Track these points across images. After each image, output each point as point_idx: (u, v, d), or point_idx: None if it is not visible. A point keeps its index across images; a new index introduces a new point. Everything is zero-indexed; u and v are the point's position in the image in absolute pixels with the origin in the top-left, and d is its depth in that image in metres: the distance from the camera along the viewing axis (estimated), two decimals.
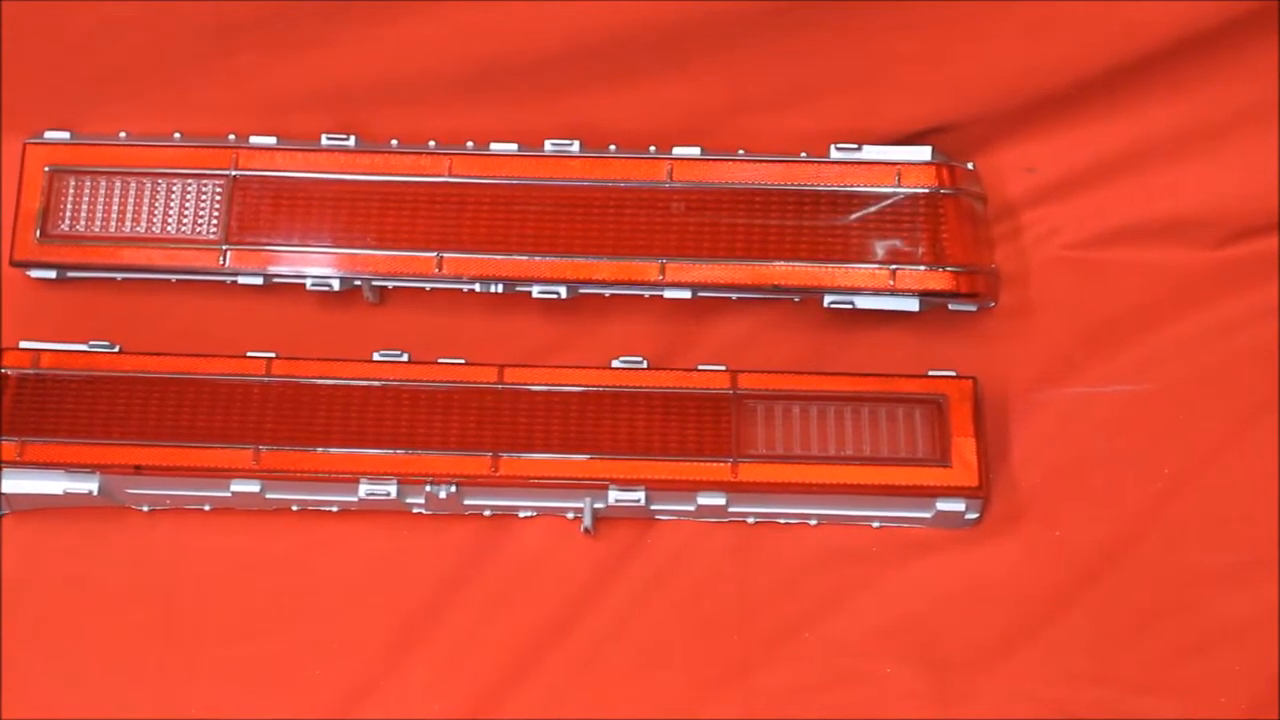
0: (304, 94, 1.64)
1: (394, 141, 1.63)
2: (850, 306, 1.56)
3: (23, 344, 1.57)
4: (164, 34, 1.61)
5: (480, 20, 1.59)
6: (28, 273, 1.64)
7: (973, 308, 1.60)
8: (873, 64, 1.61)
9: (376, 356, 1.56)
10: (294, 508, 1.55)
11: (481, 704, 1.49)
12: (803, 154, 1.59)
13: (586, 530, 1.52)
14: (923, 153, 1.57)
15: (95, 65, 1.63)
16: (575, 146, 1.60)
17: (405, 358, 1.56)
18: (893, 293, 1.55)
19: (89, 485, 1.52)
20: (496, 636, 1.51)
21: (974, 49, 1.59)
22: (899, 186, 1.57)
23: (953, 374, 1.55)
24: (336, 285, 1.60)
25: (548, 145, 1.60)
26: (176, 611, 1.54)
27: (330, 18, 1.59)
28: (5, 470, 1.52)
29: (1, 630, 1.52)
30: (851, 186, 1.57)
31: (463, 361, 1.56)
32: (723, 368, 1.55)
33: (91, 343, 1.57)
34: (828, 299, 1.56)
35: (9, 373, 1.56)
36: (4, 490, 1.53)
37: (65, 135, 1.64)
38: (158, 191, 1.62)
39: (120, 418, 1.54)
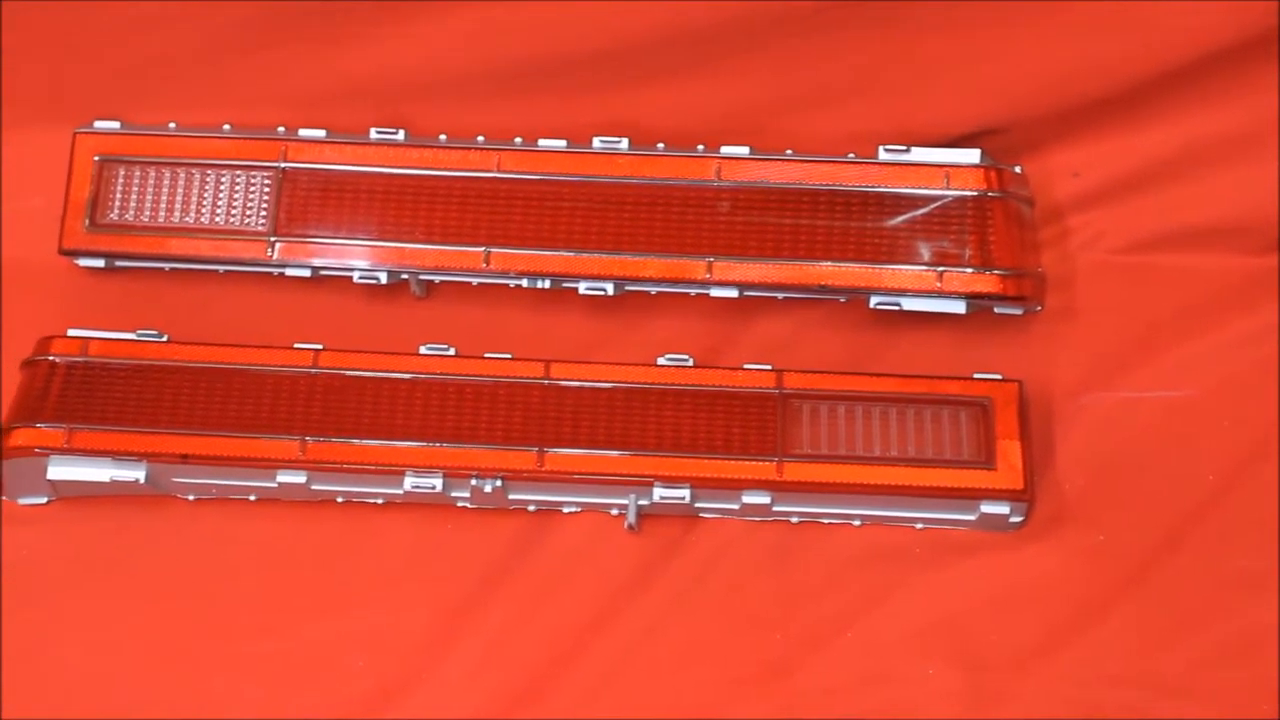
0: (353, 87, 1.65)
1: (442, 136, 1.63)
2: (896, 308, 1.57)
3: (71, 332, 1.58)
4: (214, 24, 1.62)
5: (530, 16, 1.60)
6: (76, 261, 1.65)
7: (1018, 311, 1.61)
8: (921, 66, 1.62)
9: (423, 350, 1.57)
10: (339, 499, 1.56)
11: (521, 698, 1.50)
12: (850, 155, 1.60)
13: (630, 527, 1.53)
14: (971, 155, 1.58)
15: (145, 55, 1.65)
16: (624, 144, 1.60)
17: (452, 352, 1.57)
18: (939, 295, 1.56)
19: (136, 473, 1.53)
20: (537, 631, 1.52)
21: (1022, 52, 1.60)
22: (947, 189, 1.57)
23: (998, 377, 1.55)
24: (384, 278, 1.60)
25: (596, 142, 1.61)
26: (218, 601, 1.54)
27: (380, 11, 1.60)
28: (53, 457, 1.53)
29: (43, 615, 1.53)
30: (899, 188, 1.58)
31: (509, 356, 1.56)
32: (768, 367, 1.56)
33: (139, 331, 1.58)
34: (874, 300, 1.57)
35: (57, 360, 1.56)
36: (51, 476, 1.53)
37: (115, 125, 1.65)
38: (206, 182, 1.63)
39: (168, 406, 1.54)
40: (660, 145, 1.61)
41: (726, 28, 1.58)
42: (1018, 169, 1.61)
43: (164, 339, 1.58)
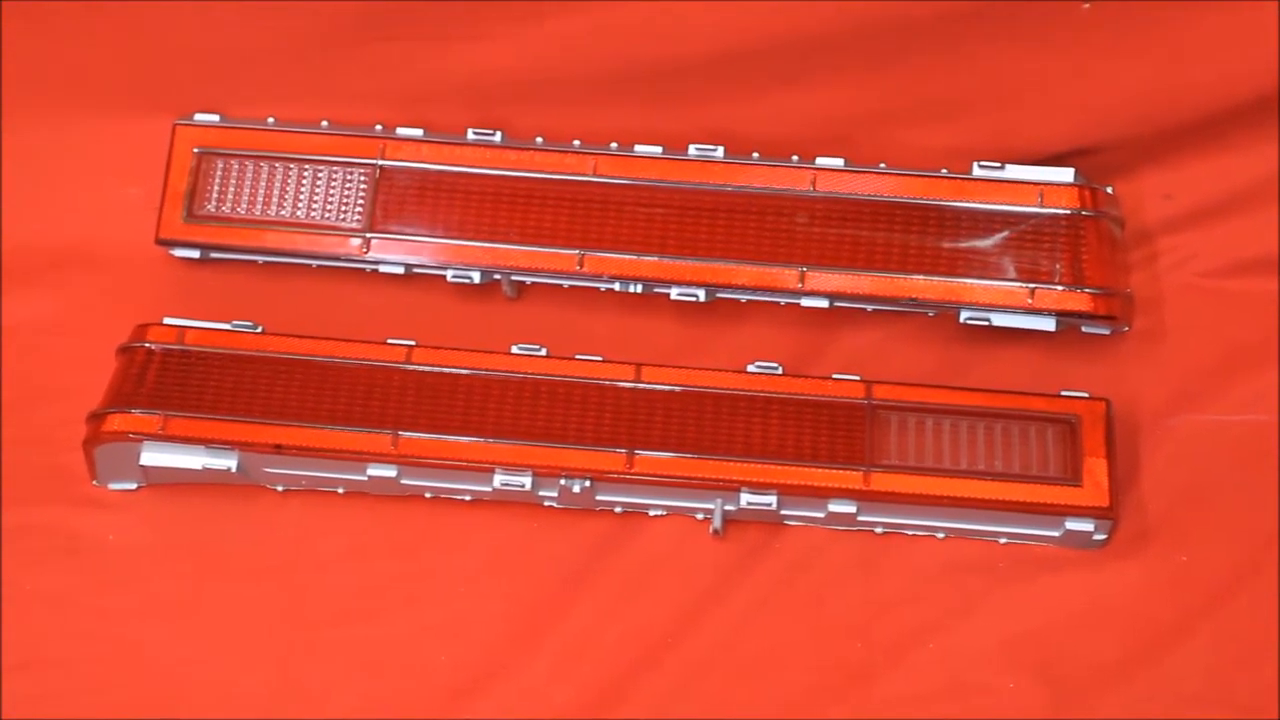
0: (451, 88, 1.67)
1: (539, 139, 1.65)
2: (986, 323, 1.58)
3: (167, 320, 1.60)
4: (315, 21, 1.64)
5: (628, 23, 1.61)
6: (171, 251, 1.67)
7: (1106, 330, 1.61)
8: (1016, 84, 1.63)
9: (515, 350, 1.58)
10: (427, 494, 1.57)
11: (601, 699, 1.50)
12: (944, 170, 1.61)
13: (715, 531, 1.54)
14: (1066, 174, 1.59)
15: (246, 49, 1.66)
16: (719, 152, 1.62)
17: (543, 352, 1.58)
18: (1030, 311, 1.57)
19: (228, 462, 1.54)
20: (619, 633, 1.53)
21: (1117, 74, 1.62)
22: (1041, 207, 1.58)
23: (1086, 395, 1.56)
24: (477, 278, 1.62)
25: (692, 149, 1.62)
26: (303, 590, 1.55)
27: (481, 13, 1.62)
28: (146, 443, 1.54)
29: (129, 599, 1.55)
30: (993, 204, 1.59)
31: (600, 359, 1.58)
32: (857, 377, 1.57)
33: (234, 322, 1.59)
34: (964, 314, 1.58)
35: (153, 347, 1.58)
36: (144, 462, 1.55)
37: (215, 118, 1.67)
38: (304, 177, 1.65)
39: (262, 397, 1.56)
40: (755, 155, 1.62)
41: (825, 41, 1.60)
42: (1109, 189, 1.62)
43: (259, 330, 1.59)
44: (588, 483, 1.53)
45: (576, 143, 1.64)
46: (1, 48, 1.66)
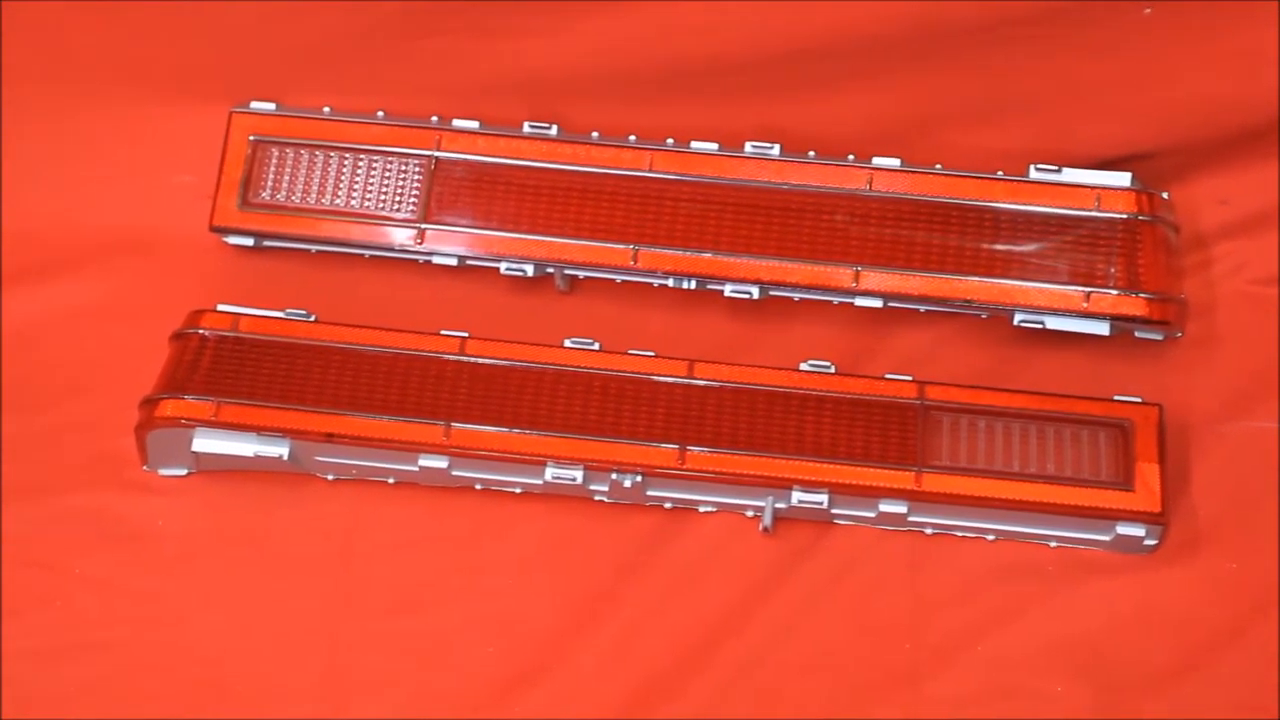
0: (508, 81, 1.67)
1: (595, 134, 1.64)
2: (1040, 326, 1.57)
3: (221, 307, 1.60)
4: (372, 11, 1.64)
5: (687, 19, 1.61)
6: (225, 239, 1.67)
7: (1159, 336, 1.61)
8: (1072, 88, 1.63)
9: (568, 343, 1.58)
10: (478, 486, 1.57)
11: (647, 695, 1.51)
12: (1000, 172, 1.61)
13: (765, 529, 1.54)
14: (1123, 178, 1.58)
15: (302, 38, 1.66)
16: (775, 150, 1.62)
17: (596, 346, 1.58)
18: (1084, 315, 1.56)
19: (280, 450, 1.54)
20: (667, 629, 1.53)
21: (1175, 79, 1.61)
22: (1098, 210, 1.58)
23: (1139, 400, 1.56)
24: (530, 271, 1.62)
25: (748, 147, 1.62)
26: (351, 580, 1.56)
27: (539, 7, 1.62)
28: (198, 429, 1.54)
29: (177, 584, 1.55)
30: (1049, 207, 1.58)
31: (653, 354, 1.58)
32: (910, 378, 1.57)
33: (288, 310, 1.60)
34: (1018, 317, 1.58)
35: (207, 334, 1.58)
36: (196, 449, 1.55)
37: (271, 106, 1.67)
38: (359, 167, 1.65)
39: (314, 386, 1.56)
40: (811, 153, 1.62)
41: (883, 41, 1.60)
42: (1165, 195, 1.61)
43: (312, 319, 1.60)
44: (639, 478, 1.53)
45: (633, 138, 1.64)
46: (58, 35, 1.66)
